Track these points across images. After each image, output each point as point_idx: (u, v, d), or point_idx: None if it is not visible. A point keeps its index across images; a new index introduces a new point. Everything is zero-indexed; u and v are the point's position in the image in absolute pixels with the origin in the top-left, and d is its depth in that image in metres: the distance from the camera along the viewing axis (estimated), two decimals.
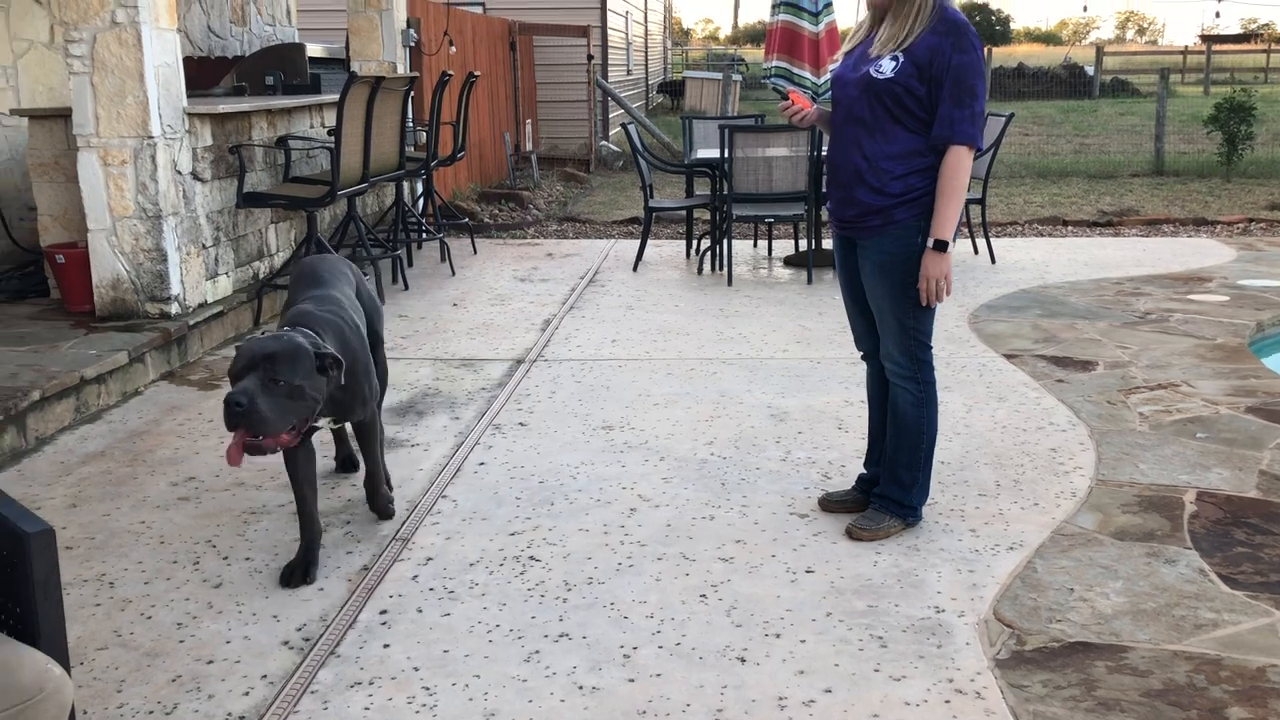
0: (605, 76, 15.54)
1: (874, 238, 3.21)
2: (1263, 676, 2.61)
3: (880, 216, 3.17)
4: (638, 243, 8.04)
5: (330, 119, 7.25)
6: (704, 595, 3.07)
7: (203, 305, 5.74)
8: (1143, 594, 3.02)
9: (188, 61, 7.15)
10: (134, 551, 3.38)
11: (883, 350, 3.36)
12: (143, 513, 3.67)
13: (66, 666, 1.87)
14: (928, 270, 3.15)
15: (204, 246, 5.81)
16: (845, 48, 3.35)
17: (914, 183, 3.14)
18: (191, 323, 5.49)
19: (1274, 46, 40.80)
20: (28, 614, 1.87)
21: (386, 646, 2.82)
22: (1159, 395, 4.72)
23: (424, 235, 8.15)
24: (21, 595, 1.87)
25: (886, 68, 3.09)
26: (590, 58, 14.74)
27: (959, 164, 3.09)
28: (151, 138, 5.28)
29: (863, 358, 3.59)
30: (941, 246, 3.12)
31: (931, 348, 3.35)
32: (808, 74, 7.80)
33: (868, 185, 3.16)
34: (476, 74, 8.91)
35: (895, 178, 3.14)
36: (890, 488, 3.42)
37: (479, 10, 13.93)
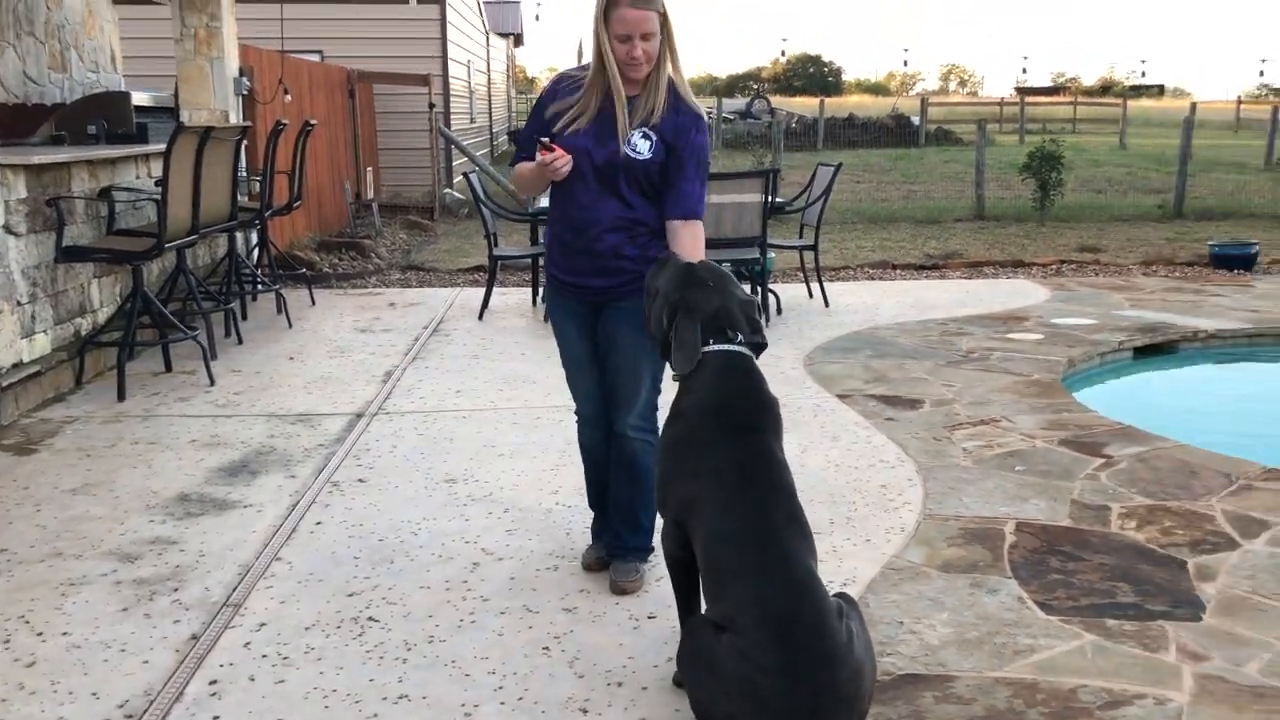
0: (448, 124, 15.50)
1: (633, 300, 3.23)
2: (1074, 697, 2.77)
3: (635, 279, 3.23)
4: (483, 291, 8.02)
5: (158, 169, 7.01)
6: (547, 647, 3.06)
7: (18, 365, 5.43)
8: (967, 624, 3.16)
9: (0, 109, 6.82)
10: None
11: (627, 409, 3.38)
12: None
13: None
14: None
15: (19, 303, 5.52)
16: (578, 123, 3.19)
17: (661, 246, 3.26)
18: (5, 384, 5.19)
19: (1081, 99, 43.79)
20: None
21: (216, 719, 2.71)
22: (981, 430, 4.96)
23: (259, 287, 7.93)
24: None
25: (644, 147, 3.17)
26: (432, 106, 14.69)
27: (702, 235, 3.26)
28: None
29: (583, 420, 3.59)
30: None
31: None
32: None
33: (630, 254, 3.24)
34: (313, 122, 8.77)
35: (649, 243, 3.25)
36: (636, 537, 3.47)
37: (316, 58, 13.73)
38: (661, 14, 3.08)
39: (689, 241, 3.20)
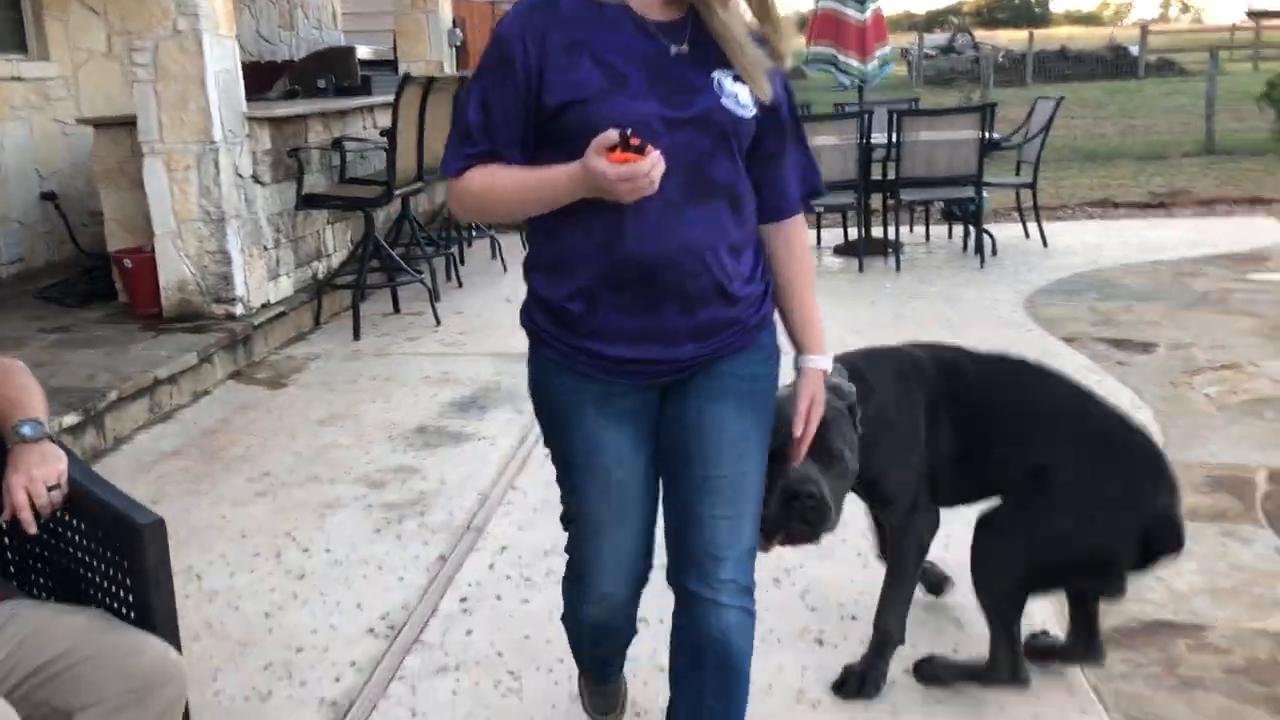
0: None
1: (732, 360, 1.97)
2: None
3: (746, 329, 1.97)
4: None
5: (382, 120, 7.34)
6: (778, 579, 3.10)
7: (265, 306, 5.85)
8: (1219, 573, 3.02)
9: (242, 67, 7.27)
10: (217, 545, 3.48)
11: (719, 557, 1.91)
12: (222, 508, 3.76)
13: (179, 652, 1.95)
14: (820, 399, 2.09)
15: (265, 248, 5.92)
16: (632, 75, 1.79)
17: (764, 267, 2.01)
18: (256, 323, 5.59)
19: None
20: (141, 603, 1.95)
21: (469, 633, 2.89)
22: (1223, 375, 4.68)
23: (474, 233, 8.23)
24: (135, 585, 1.95)
25: (746, 98, 1.83)
26: None
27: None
28: (214, 143, 5.39)
29: (605, 607, 2.11)
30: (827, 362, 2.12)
31: None
32: (854, 60, 7.77)
33: (726, 291, 1.89)
34: None
35: (751, 264, 1.95)
36: None
37: None
38: None
39: (801, 244, 2.04)
